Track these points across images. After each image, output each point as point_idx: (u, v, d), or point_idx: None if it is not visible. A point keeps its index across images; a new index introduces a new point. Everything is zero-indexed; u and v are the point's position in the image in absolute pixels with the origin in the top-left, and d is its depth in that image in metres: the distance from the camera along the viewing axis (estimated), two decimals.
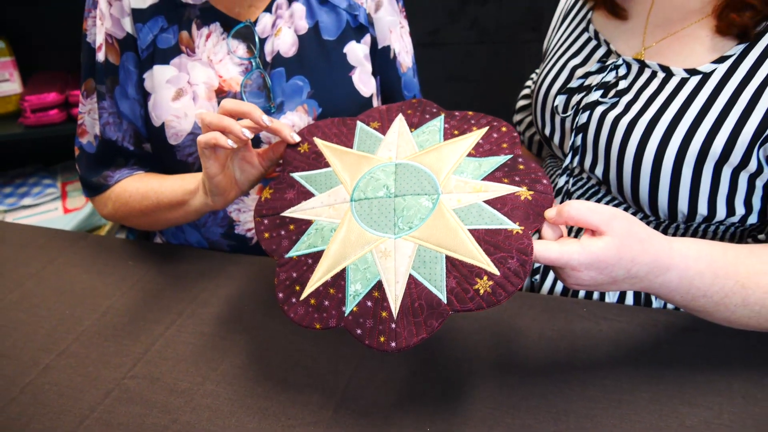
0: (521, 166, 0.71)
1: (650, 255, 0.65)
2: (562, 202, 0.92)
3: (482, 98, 1.94)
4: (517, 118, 1.20)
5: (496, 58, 1.91)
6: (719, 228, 0.85)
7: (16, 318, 0.85)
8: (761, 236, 0.80)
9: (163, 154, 0.98)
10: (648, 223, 0.87)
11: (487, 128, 0.76)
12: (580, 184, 0.95)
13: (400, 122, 0.80)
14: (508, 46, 1.88)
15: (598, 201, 0.92)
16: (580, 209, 0.64)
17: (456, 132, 0.77)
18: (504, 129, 0.76)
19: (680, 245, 0.69)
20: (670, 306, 0.87)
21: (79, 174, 1.02)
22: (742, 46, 0.77)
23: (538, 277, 0.95)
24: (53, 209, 2.07)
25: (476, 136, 0.75)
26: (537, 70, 1.04)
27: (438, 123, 0.78)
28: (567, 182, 0.96)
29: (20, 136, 2.02)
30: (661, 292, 0.70)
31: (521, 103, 1.19)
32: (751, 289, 0.70)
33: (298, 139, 0.80)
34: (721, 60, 0.78)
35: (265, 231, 0.74)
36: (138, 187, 0.97)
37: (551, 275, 0.94)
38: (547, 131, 0.98)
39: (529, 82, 1.22)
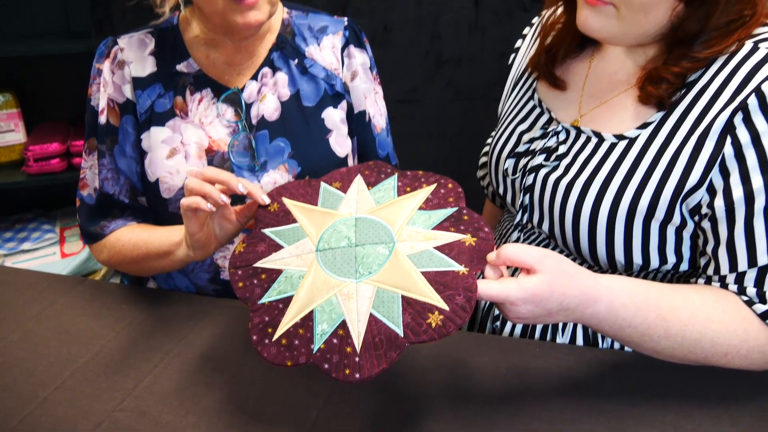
0: (466, 217, 0.82)
1: (578, 288, 0.75)
2: None
3: (457, 152, 2.05)
4: (480, 173, 1.30)
5: (470, 114, 2.03)
6: (657, 275, 0.93)
7: (18, 356, 0.93)
8: (693, 280, 0.89)
9: (156, 206, 1.08)
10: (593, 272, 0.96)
11: (435, 185, 0.87)
12: (532, 238, 1.03)
13: (358, 182, 0.90)
14: (481, 104, 2.00)
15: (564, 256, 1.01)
16: (515, 251, 0.74)
17: (408, 189, 0.87)
18: (450, 185, 0.86)
19: (606, 280, 0.78)
20: (616, 345, 0.96)
21: (79, 223, 1.12)
22: (661, 114, 0.87)
23: (498, 323, 1.03)
24: (51, 254, 2.15)
25: (426, 192, 0.86)
26: (492, 133, 1.15)
27: (392, 181, 0.89)
28: (519, 237, 1.05)
29: (23, 183, 2.11)
30: (592, 323, 0.79)
31: (483, 160, 1.30)
32: (672, 322, 0.79)
33: (268, 201, 0.89)
34: (644, 126, 0.88)
35: (239, 281, 0.82)
36: (130, 238, 1.06)
37: (509, 323, 1.02)
38: (501, 190, 1.07)
39: (488, 142, 1.32)
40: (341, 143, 1.11)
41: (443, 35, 1.98)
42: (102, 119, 1.07)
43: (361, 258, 0.78)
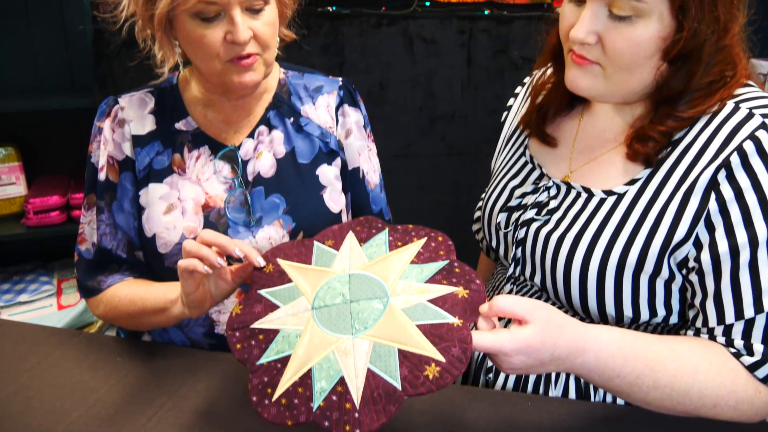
0: (457, 269, 0.84)
1: (569, 339, 0.77)
2: None
3: (451, 205, 2.10)
4: (475, 227, 1.33)
5: (462, 169, 2.08)
6: (647, 328, 0.95)
7: (12, 409, 0.94)
8: (682, 332, 0.91)
9: (153, 261, 1.10)
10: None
11: (425, 239, 0.89)
12: (524, 290, 1.05)
13: (350, 239, 0.92)
14: (474, 159, 2.05)
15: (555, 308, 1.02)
16: (507, 302, 0.77)
17: (399, 243, 0.89)
18: (440, 239, 0.89)
19: (595, 330, 0.81)
20: (609, 399, 0.96)
21: (77, 277, 1.14)
22: (648, 171, 0.90)
23: (491, 375, 1.04)
24: (48, 305, 2.16)
25: (417, 246, 0.88)
26: (486, 188, 1.18)
27: (383, 237, 0.91)
28: (512, 289, 1.07)
29: (22, 236, 2.14)
30: (582, 373, 0.81)
31: (477, 214, 1.33)
32: (660, 372, 0.80)
33: (263, 263, 0.90)
34: (631, 182, 0.91)
35: (237, 342, 0.83)
36: (126, 293, 1.08)
37: (502, 375, 1.03)
38: (494, 244, 1.10)
39: (483, 196, 1.36)
40: (335, 199, 1.14)
41: (437, 93, 2.04)
42: (101, 176, 1.10)
43: (356, 314, 0.80)
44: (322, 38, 1.95)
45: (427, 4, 2.15)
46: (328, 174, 1.14)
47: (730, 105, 0.86)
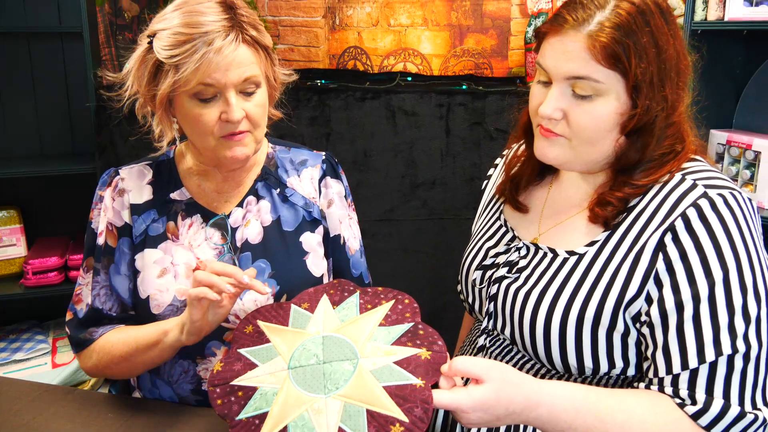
0: (421, 332, 0.92)
1: (523, 395, 0.86)
2: (476, 356, 1.12)
3: (432, 267, 2.18)
4: (459, 288, 1.42)
5: (443, 232, 2.18)
6: (608, 380, 1.02)
7: None
8: (635, 385, 0.98)
9: (145, 321, 1.17)
10: (551, 377, 1.05)
11: (393, 301, 0.98)
12: (497, 343, 1.13)
13: (324, 302, 1.01)
14: (453, 223, 2.16)
15: (511, 357, 1.09)
16: (464, 363, 0.86)
17: (369, 306, 0.98)
18: (407, 301, 0.98)
19: (548, 386, 0.89)
20: None
21: (69, 334, 1.21)
22: (606, 233, 1.00)
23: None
24: (43, 363, 2.20)
25: (385, 308, 0.97)
26: (465, 249, 1.27)
27: (354, 299, 1.00)
28: (485, 341, 1.15)
29: (20, 296, 2.21)
30: (537, 425, 0.88)
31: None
32: (609, 424, 0.88)
33: (268, 290, 1.02)
34: (591, 244, 1.01)
35: (218, 398, 0.90)
36: (119, 337, 1.15)
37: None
38: (470, 299, 1.18)
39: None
40: (317, 264, 1.23)
41: (418, 161, 2.16)
42: (100, 240, 1.19)
43: (329, 374, 0.88)
44: (311, 110, 2.08)
45: (409, 78, 2.29)
46: (311, 241, 1.23)
47: (677, 176, 0.97)
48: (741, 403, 0.88)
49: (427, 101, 2.11)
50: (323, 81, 2.17)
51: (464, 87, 2.15)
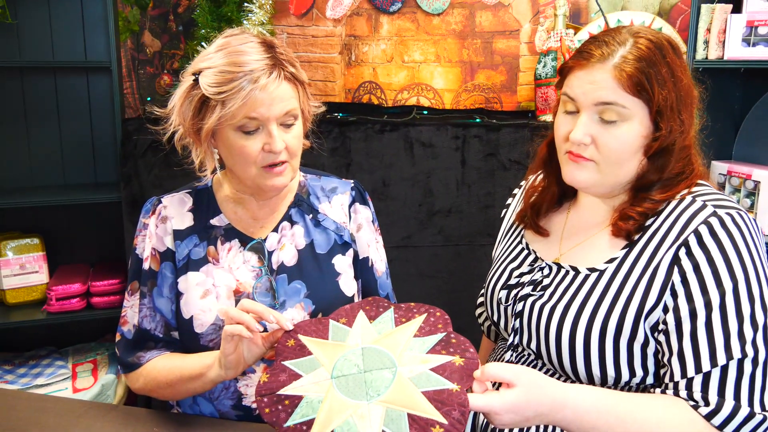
0: (454, 340, 0.99)
1: (550, 397, 0.93)
2: None
3: (448, 292, 2.25)
4: (478, 311, 1.49)
5: (458, 258, 2.25)
6: (629, 388, 1.08)
7: None
8: (653, 391, 1.04)
9: (188, 340, 1.24)
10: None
11: (425, 314, 1.05)
12: (523, 358, 1.19)
13: (361, 317, 1.08)
14: (468, 250, 2.23)
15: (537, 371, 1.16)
16: (496, 368, 0.93)
17: (403, 319, 1.05)
18: (438, 314, 1.05)
19: (573, 389, 0.96)
20: None
21: (118, 355, 1.27)
22: (624, 251, 1.08)
23: None
24: (64, 389, 2.24)
25: (418, 321, 1.04)
26: (488, 273, 1.34)
27: (389, 314, 1.07)
28: (512, 356, 1.21)
29: (42, 321, 2.26)
30: (563, 425, 0.95)
31: (480, 300, 1.49)
32: (630, 423, 0.95)
33: (291, 326, 1.08)
34: (611, 261, 1.08)
35: (266, 407, 0.96)
36: (165, 364, 1.22)
37: None
38: (495, 318, 1.25)
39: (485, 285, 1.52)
40: (349, 284, 1.30)
41: (434, 190, 2.24)
42: (146, 266, 1.26)
43: (370, 382, 0.94)
44: (332, 142, 2.16)
45: (425, 112, 2.39)
46: (343, 263, 1.31)
47: (688, 198, 1.06)
48: (750, 404, 0.96)
49: (444, 133, 2.20)
50: (341, 114, 2.27)
51: (478, 120, 2.24)
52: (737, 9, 1.98)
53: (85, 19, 2.47)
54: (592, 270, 1.10)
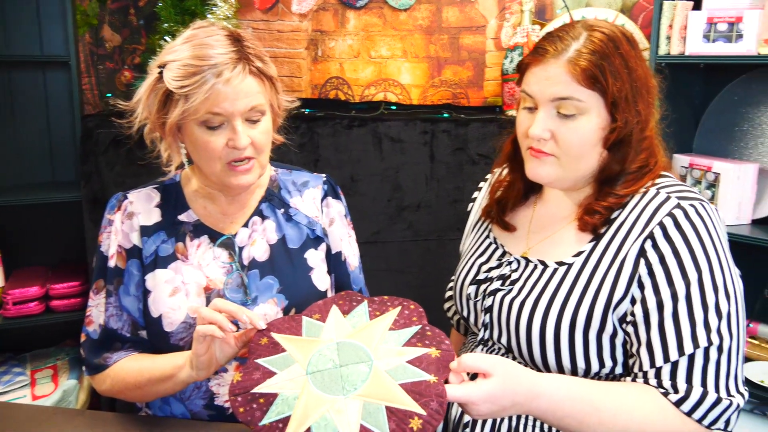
0: (429, 333, 0.98)
1: (525, 386, 0.93)
2: None
3: (417, 287, 2.25)
4: (446, 305, 1.49)
5: (428, 253, 2.26)
6: (599, 378, 1.09)
7: None
8: (623, 379, 1.06)
9: (157, 339, 1.20)
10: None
11: (399, 307, 1.04)
12: (493, 352, 1.19)
13: (334, 312, 1.07)
14: (438, 244, 2.24)
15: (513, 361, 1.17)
16: (472, 359, 0.93)
17: (377, 313, 1.04)
18: (412, 306, 1.04)
19: (547, 378, 0.97)
20: None
21: (84, 356, 1.23)
22: (591, 244, 1.09)
23: (468, 430, 1.15)
24: (22, 396, 2.17)
25: (393, 314, 1.03)
26: (456, 268, 1.34)
27: (363, 308, 1.06)
28: (482, 351, 1.20)
29: None
30: (538, 414, 0.96)
31: (448, 294, 1.48)
32: (603, 411, 0.96)
33: (264, 325, 1.05)
34: (578, 254, 1.09)
35: (240, 406, 0.94)
36: (133, 366, 1.18)
37: (478, 428, 1.15)
38: (465, 313, 1.25)
39: (453, 278, 1.51)
40: (322, 279, 1.28)
41: (403, 185, 2.24)
42: (111, 263, 1.22)
43: (346, 377, 0.93)
44: (299, 137, 2.14)
45: (393, 107, 2.38)
46: (315, 257, 1.29)
47: (653, 191, 1.07)
48: (717, 390, 0.98)
49: (412, 128, 2.19)
50: (307, 110, 2.24)
51: (446, 115, 2.24)
52: (698, 6, 2.03)
53: (41, 12, 2.39)
54: (560, 264, 1.11)
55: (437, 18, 2.49)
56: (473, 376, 1.03)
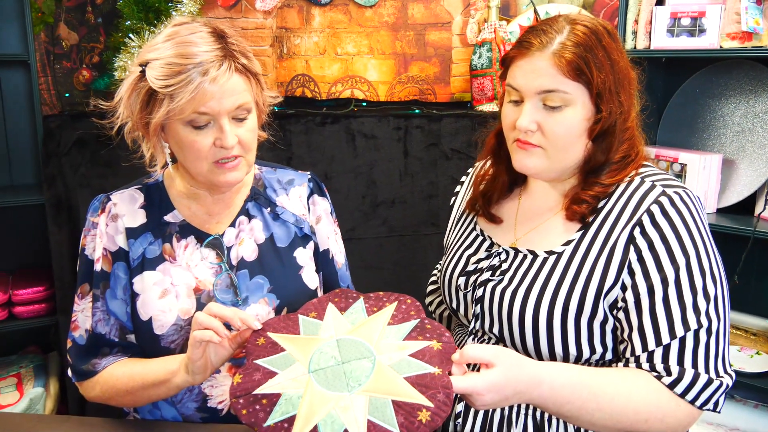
0: (428, 326, 1.00)
1: (526, 375, 0.96)
2: None
3: (394, 283, 2.25)
4: (428, 299, 1.50)
5: (403, 249, 2.27)
6: (590, 364, 1.12)
7: None
8: (614, 365, 1.09)
9: (147, 343, 1.18)
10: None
11: (396, 302, 1.05)
12: (484, 343, 1.20)
13: (331, 309, 1.07)
14: (413, 240, 2.26)
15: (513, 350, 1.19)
16: (474, 350, 0.95)
17: (375, 309, 1.05)
18: (409, 301, 1.05)
19: (547, 366, 1.00)
20: None
21: (71, 363, 1.20)
22: (580, 233, 1.11)
23: (460, 421, 1.17)
24: None
25: (390, 309, 1.04)
26: (440, 262, 1.35)
27: (360, 304, 1.06)
28: (473, 342, 1.22)
29: None
30: (539, 402, 0.98)
31: (430, 288, 1.50)
32: (601, 396, 0.99)
33: (259, 325, 1.04)
34: (567, 243, 1.12)
35: (243, 408, 0.92)
36: (124, 371, 1.16)
37: (470, 418, 1.17)
38: (454, 305, 1.26)
39: (435, 272, 1.53)
40: (311, 277, 1.28)
41: (377, 181, 2.25)
42: (97, 267, 1.19)
43: (349, 373, 0.93)
44: (271, 135, 2.12)
45: (364, 104, 2.38)
46: (304, 255, 1.28)
47: (637, 180, 1.11)
48: (707, 371, 1.02)
49: (386, 125, 2.20)
50: (277, 108, 2.22)
51: (418, 111, 2.25)
52: (661, 1, 2.09)
53: None
54: (549, 253, 1.13)
55: (403, 14, 2.50)
56: (475, 368, 1.05)
